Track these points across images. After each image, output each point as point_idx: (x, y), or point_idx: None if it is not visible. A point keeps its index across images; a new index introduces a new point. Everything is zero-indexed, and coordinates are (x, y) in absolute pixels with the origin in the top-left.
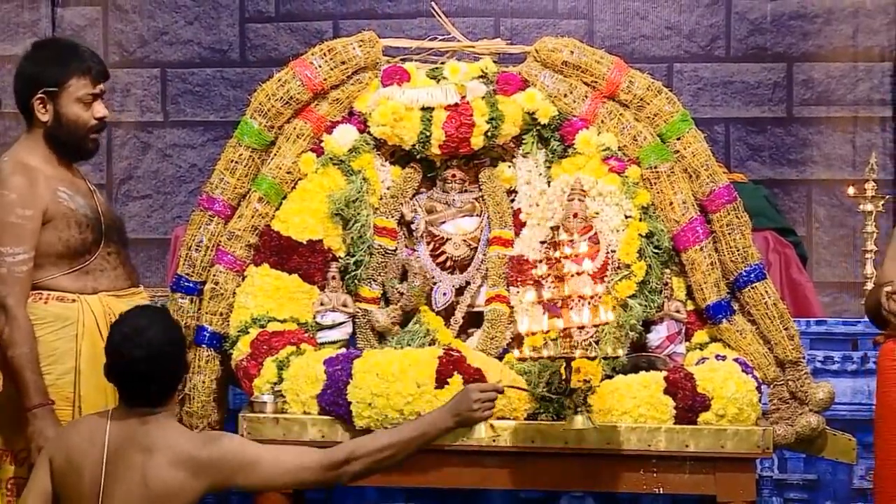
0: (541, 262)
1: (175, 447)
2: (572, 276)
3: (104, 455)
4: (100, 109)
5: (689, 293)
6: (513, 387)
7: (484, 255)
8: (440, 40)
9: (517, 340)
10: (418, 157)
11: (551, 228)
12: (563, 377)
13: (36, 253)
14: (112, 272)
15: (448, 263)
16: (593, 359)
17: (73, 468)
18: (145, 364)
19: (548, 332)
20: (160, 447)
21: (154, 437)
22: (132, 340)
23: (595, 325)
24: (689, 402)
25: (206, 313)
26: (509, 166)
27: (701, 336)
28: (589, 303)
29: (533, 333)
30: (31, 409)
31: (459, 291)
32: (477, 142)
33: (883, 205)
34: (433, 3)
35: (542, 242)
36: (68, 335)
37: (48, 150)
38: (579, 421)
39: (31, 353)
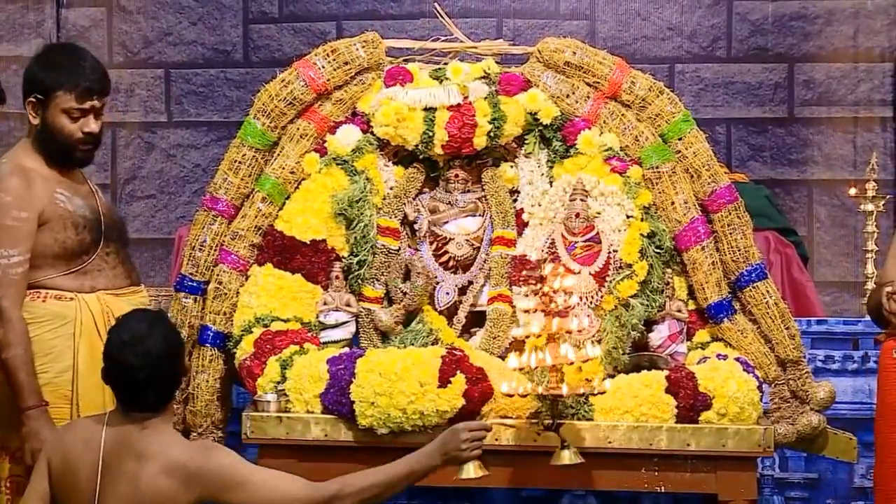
0: (528, 295)
1: (168, 455)
2: (560, 310)
3: (99, 459)
4: (89, 124)
5: (691, 293)
6: (502, 423)
7: (486, 254)
8: (443, 41)
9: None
10: (421, 157)
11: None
12: (551, 412)
13: (32, 254)
14: (111, 271)
15: (451, 263)
16: (582, 395)
17: (69, 470)
18: (143, 371)
19: (536, 367)
20: (153, 454)
21: (147, 444)
22: (131, 348)
23: (583, 362)
24: (690, 402)
25: (210, 313)
26: (512, 166)
27: (702, 335)
28: (577, 337)
29: (521, 369)
30: (26, 410)
31: (462, 291)
32: (479, 142)
33: (883, 205)
34: (436, 4)
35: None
36: (66, 333)
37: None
38: (566, 456)
39: (25, 354)
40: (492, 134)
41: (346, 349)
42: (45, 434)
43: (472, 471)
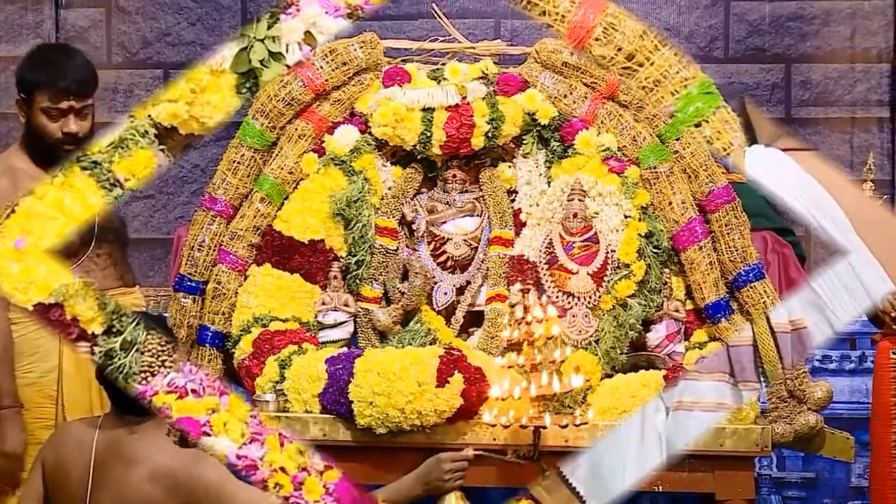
0: (512, 324)
1: (157, 461)
2: (543, 340)
3: (91, 462)
4: (68, 125)
5: (689, 293)
6: (486, 452)
7: (484, 254)
8: (441, 41)
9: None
10: (419, 157)
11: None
12: (532, 442)
13: None
14: (100, 272)
15: (449, 263)
16: (565, 426)
17: (62, 472)
18: None
19: (519, 397)
20: (142, 459)
21: (137, 448)
22: None
23: (565, 392)
24: None
25: (209, 313)
26: (510, 166)
27: (700, 335)
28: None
29: (503, 399)
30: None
31: (460, 291)
32: (477, 142)
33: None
34: (434, 5)
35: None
36: (52, 333)
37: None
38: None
39: (4, 354)
40: (490, 134)
41: (345, 349)
42: (14, 436)
43: (452, 501)
